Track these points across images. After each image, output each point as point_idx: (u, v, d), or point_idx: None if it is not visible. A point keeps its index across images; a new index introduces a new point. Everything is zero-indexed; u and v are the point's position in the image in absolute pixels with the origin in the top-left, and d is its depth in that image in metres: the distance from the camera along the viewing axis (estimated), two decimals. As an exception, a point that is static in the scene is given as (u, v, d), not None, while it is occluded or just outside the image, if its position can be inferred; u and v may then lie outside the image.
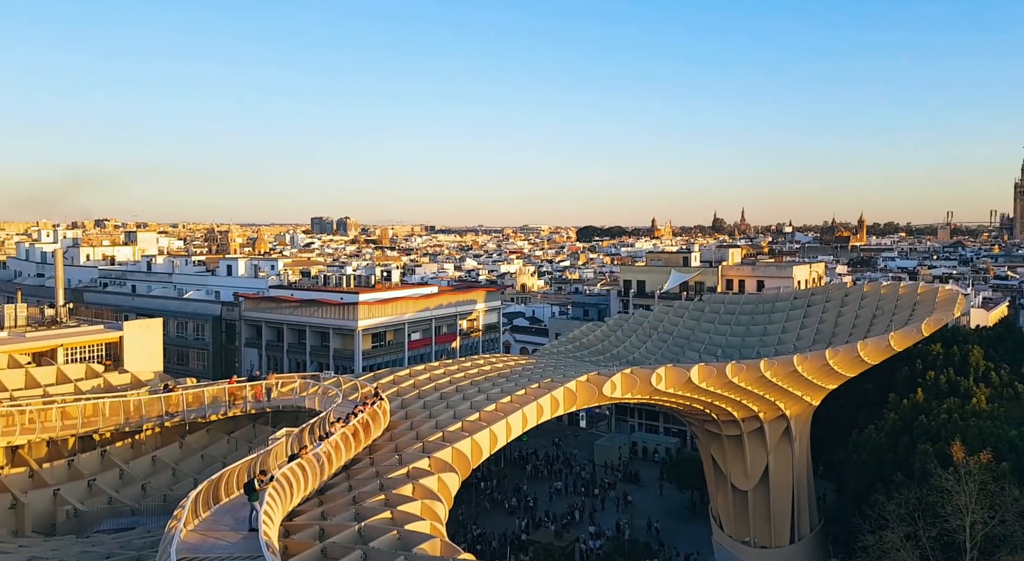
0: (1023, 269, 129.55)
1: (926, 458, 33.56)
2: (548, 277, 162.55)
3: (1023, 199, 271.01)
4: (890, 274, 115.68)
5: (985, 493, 28.95)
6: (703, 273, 76.01)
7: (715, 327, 49.90)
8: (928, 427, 37.11)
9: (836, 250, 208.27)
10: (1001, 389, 41.73)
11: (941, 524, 29.42)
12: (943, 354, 45.20)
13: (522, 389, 30.90)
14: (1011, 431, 35.30)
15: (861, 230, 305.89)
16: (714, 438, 42.42)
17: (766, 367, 36.20)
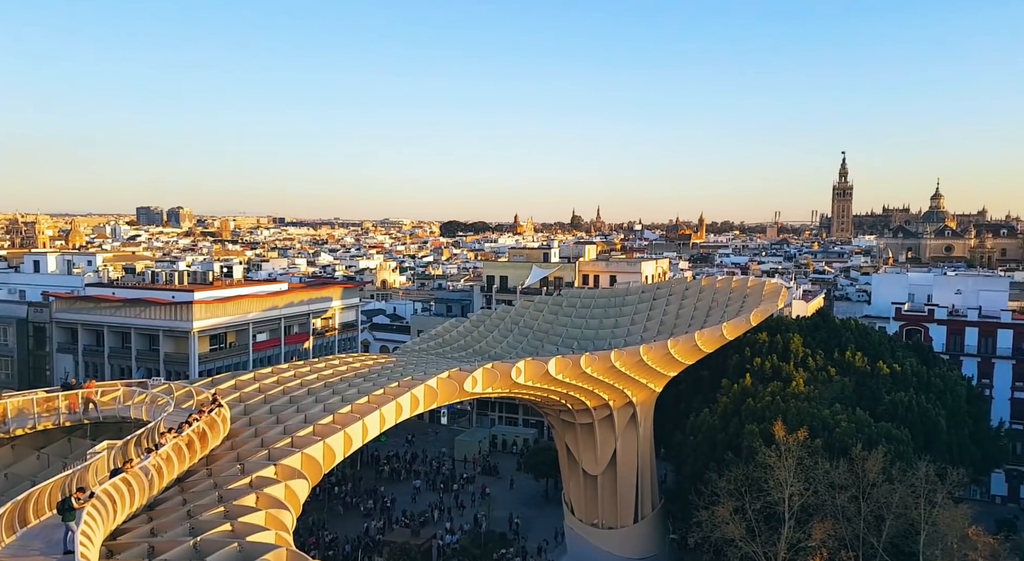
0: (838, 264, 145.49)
1: (753, 437, 36.75)
2: (411, 273, 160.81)
3: (839, 200, 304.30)
4: (725, 269, 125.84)
5: (801, 467, 32.30)
6: (562, 269, 78.64)
7: (572, 320, 51.72)
8: (755, 409, 40.45)
9: (679, 247, 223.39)
10: (817, 373, 46.23)
11: (764, 497, 32.46)
12: (769, 342, 49.02)
13: (380, 389, 30.34)
14: (824, 410, 39.28)
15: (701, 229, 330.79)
16: (568, 427, 44.11)
17: (616, 357, 38.17)
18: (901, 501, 30.41)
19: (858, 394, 43.51)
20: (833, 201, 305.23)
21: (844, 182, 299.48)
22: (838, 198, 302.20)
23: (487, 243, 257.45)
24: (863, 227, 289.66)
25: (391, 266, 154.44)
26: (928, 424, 41.60)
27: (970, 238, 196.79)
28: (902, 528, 30.57)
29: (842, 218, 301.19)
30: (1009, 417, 59.39)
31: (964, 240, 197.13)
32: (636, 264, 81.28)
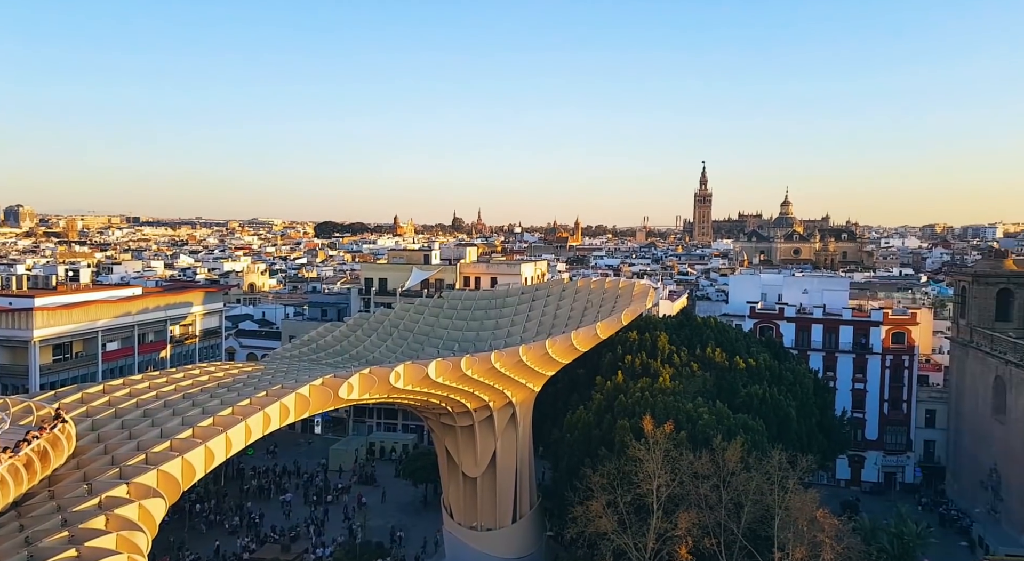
0: (700, 266, 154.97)
1: (624, 432, 38.02)
2: (282, 276, 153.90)
3: (700, 207, 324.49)
4: (599, 271, 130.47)
5: (668, 459, 33.78)
6: (443, 270, 78.13)
7: (453, 323, 51.37)
8: (626, 404, 41.87)
9: (557, 249, 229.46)
10: (681, 368, 48.60)
11: (635, 490, 33.68)
12: (638, 340, 50.90)
13: (246, 399, 28.48)
14: (688, 404, 41.34)
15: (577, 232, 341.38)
16: (448, 430, 43.71)
17: (496, 358, 38.23)
18: (757, 488, 32.51)
19: (718, 388, 46.16)
20: (695, 207, 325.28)
21: (704, 189, 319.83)
22: (699, 204, 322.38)
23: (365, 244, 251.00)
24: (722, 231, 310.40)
25: (260, 268, 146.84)
26: (780, 415, 44.92)
27: (815, 242, 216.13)
28: (759, 513, 32.68)
29: (703, 223, 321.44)
30: (850, 406, 65.57)
31: (810, 244, 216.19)
32: (516, 266, 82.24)
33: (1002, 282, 57.82)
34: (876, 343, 66.44)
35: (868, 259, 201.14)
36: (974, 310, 58.25)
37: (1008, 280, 57.91)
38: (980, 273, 59.94)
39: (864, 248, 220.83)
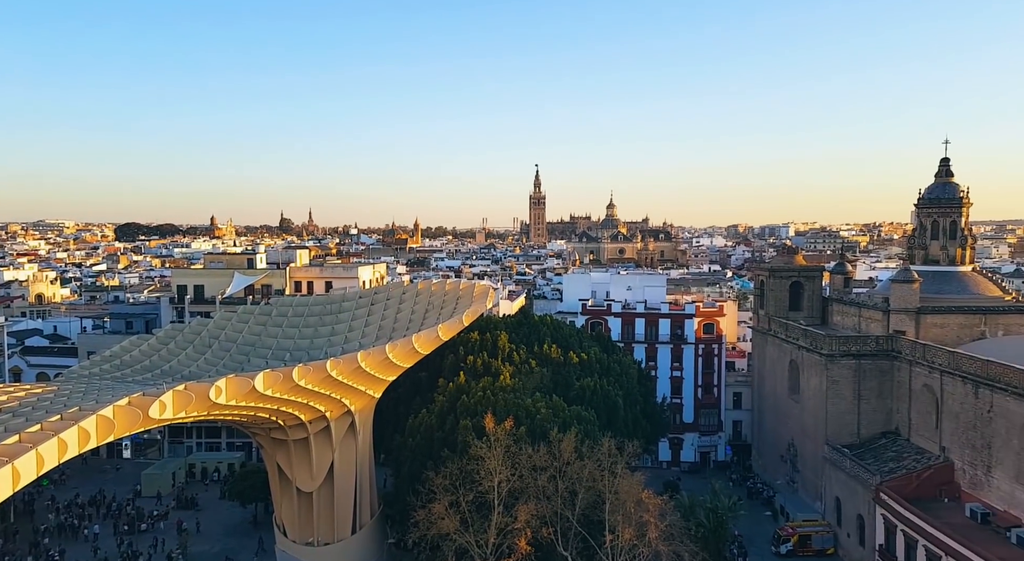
0: (536, 266, 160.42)
1: (466, 432, 38.50)
2: (77, 285, 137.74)
3: (535, 209, 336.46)
4: (440, 272, 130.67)
5: (509, 454, 34.72)
6: (270, 275, 74.18)
7: (283, 331, 48.94)
8: (468, 404, 42.47)
9: (396, 251, 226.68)
10: (521, 365, 50.19)
11: (477, 488, 34.24)
12: (480, 340, 51.87)
13: (36, 424, 25.09)
14: (527, 400, 42.77)
15: (417, 233, 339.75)
16: (280, 444, 41.53)
17: (332, 366, 36.84)
18: (590, 475, 34.34)
19: (554, 382, 48.18)
20: (530, 209, 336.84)
21: (538, 192, 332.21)
22: (534, 206, 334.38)
23: (177, 248, 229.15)
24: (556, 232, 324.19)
25: (49, 277, 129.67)
26: (610, 404, 47.78)
27: (637, 242, 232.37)
28: (591, 499, 34.54)
29: (538, 225, 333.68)
30: (670, 393, 71.29)
31: (633, 244, 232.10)
32: (353, 269, 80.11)
33: (794, 275, 65.69)
34: (690, 334, 72.76)
35: (682, 257, 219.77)
36: (771, 301, 65.64)
37: (799, 274, 65.91)
38: (775, 268, 67.64)
39: (679, 247, 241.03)
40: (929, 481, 44.16)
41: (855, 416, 52.18)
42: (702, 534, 42.00)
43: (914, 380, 48.92)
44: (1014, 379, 38.85)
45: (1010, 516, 38.77)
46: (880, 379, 51.81)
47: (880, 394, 51.86)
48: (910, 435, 49.37)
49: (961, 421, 43.51)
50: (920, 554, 39.81)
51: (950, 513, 41.03)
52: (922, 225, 59.11)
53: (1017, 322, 51.40)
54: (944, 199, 57.60)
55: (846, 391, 52.21)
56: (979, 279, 57.00)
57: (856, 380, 52.02)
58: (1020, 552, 35.64)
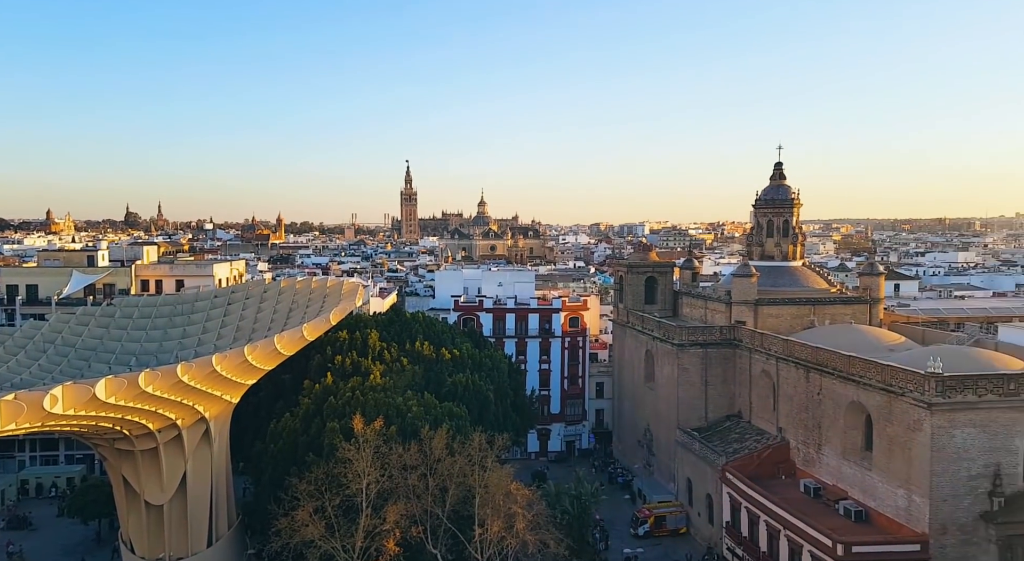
0: (409, 263, 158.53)
1: (333, 435, 37.48)
2: None
3: (407, 205, 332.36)
4: (306, 270, 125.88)
5: (378, 455, 34.22)
6: (114, 274, 68.43)
7: (128, 333, 45.52)
8: (336, 406, 41.38)
9: (257, 248, 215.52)
10: (392, 364, 49.62)
11: (344, 491, 33.49)
12: (349, 339, 50.64)
13: None
14: (398, 398, 42.29)
15: (280, 229, 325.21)
16: (126, 456, 38.44)
17: (184, 371, 34.54)
18: (461, 471, 34.63)
19: (427, 379, 48.04)
20: (402, 205, 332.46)
21: (409, 188, 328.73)
22: (406, 203, 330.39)
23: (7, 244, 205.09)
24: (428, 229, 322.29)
25: None
26: (481, 399, 48.36)
27: (508, 239, 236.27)
28: (462, 495, 34.85)
29: (410, 221, 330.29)
30: (538, 385, 73.26)
31: (504, 241, 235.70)
32: (207, 266, 75.53)
33: (648, 271, 69.61)
34: (557, 328, 75.16)
35: (550, 254, 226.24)
36: (629, 295, 69.20)
37: (653, 269, 69.92)
38: (632, 264, 71.36)
39: (547, 244, 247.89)
40: (768, 460, 48.47)
41: (703, 401, 56.24)
42: (567, 521, 43.60)
43: (754, 366, 53.48)
44: (839, 364, 43.49)
45: (838, 489, 43.37)
46: (724, 366, 56.18)
47: (725, 380, 56.25)
48: (751, 417, 53.94)
49: (795, 403, 48.13)
50: (762, 528, 43.64)
51: (787, 489, 45.27)
52: (759, 224, 64.64)
53: (842, 311, 57.53)
54: (778, 200, 63.31)
55: (695, 378, 56.14)
56: (809, 273, 63.25)
57: (704, 367, 56.07)
58: (847, 522, 40.00)
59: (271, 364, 41.10)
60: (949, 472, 36.23)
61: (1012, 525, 36.05)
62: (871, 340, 49.14)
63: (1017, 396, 36.46)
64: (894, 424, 38.72)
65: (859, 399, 41.73)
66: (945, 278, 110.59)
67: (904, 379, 37.86)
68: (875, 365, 40.38)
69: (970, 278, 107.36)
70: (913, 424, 37.21)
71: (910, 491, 37.56)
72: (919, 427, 36.77)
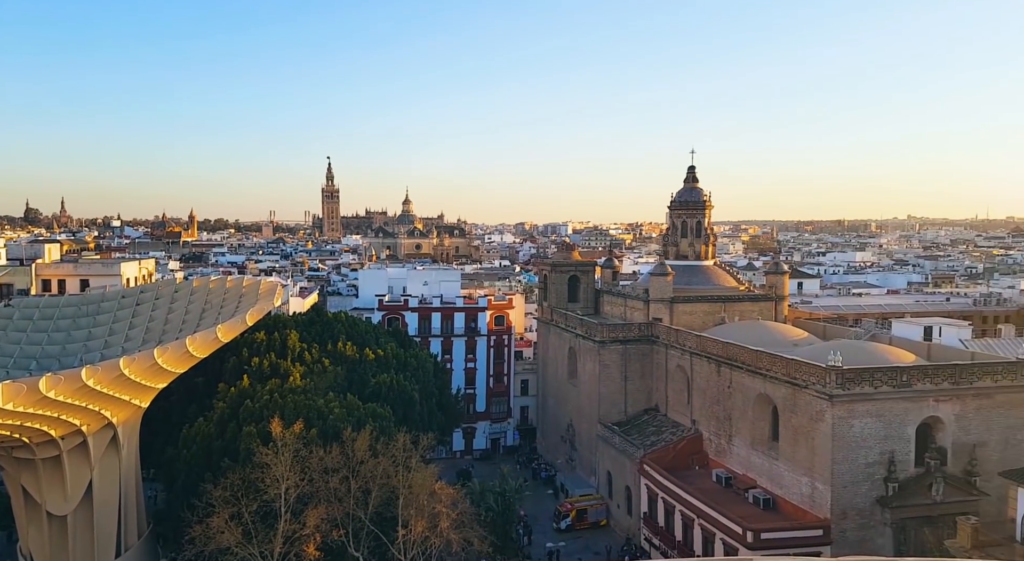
0: (331, 262, 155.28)
1: (250, 439, 36.46)
2: None
3: (328, 202, 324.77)
4: (220, 269, 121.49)
5: (298, 459, 33.54)
6: (12, 273, 64.42)
7: (28, 336, 43.00)
8: (253, 409, 40.20)
9: (168, 246, 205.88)
10: (313, 365, 48.58)
11: (262, 497, 32.67)
12: (267, 340, 49.27)
13: None
14: (319, 400, 41.49)
15: (193, 226, 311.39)
16: (25, 464, 36.16)
17: (89, 375, 32.75)
18: (384, 472, 34.39)
19: (349, 380, 47.38)
20: (323, 203, 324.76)
21: (331, 185, 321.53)
22: (327, 200, 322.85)
23: None
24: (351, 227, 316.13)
25: None
26: (406, 399, 48.09)
27: (433, 238, 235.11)
28: (385, 496, 34.61)
29: (332, 219, 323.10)
30: (464, 384, 73.46)
31: (429, 239, 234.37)
32: (115, 265, 71.90)
33: (571, 270, 71.02)
34: (483, 326, 75.57)
35: (475, 252, 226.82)
36: (553, 294, 70.39)
37: (575, 268, 71.38)
38: (556, 263, 72.63)
39: (472, 243, 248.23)
40: (683, 452, 50.45)
41: (623, 396, 57.94)
42: (491, 518, 44.00)
43: (670, 361, 55.50)
44: (748, 358, 45.74)
45: (747, 478, 45.61)
46: (643, 362, 58.06)
47: (643, 375, 58.12)
48: (668, 411, 55.96)
49: (707, 396, 50.27)
50: (677, 518, 45.40)
51: (700, 479, 47.27)
52: (674, 225, 67.08)
53: (750, 308, 60.45)
54: (691, 202, 65.88)
55: (615, 374, 57.75)
56: (720, 272, 66.11)
57: (623, 363, 57.78)
58: (756, 509, 42.15)
59: (183, 367, 39.54)
60: (848, 460, 38.76)
61: (905, 509, 38.87)
62: (777, 335, 51.90)
63: (909, 387, 39.40)
64: (798, 415, 41.08)
65: (766, 391, 44.03)
66: (844, 277, 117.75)
67: (807, 372, 40.23)
68: (780, 359, 42.72)
69: (866, 277, 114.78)
70: (815, 415, 39.60)
71: (813, 478, 39.95)
72: (821, 417, 39.17)
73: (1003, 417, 40.72)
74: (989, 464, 39.43)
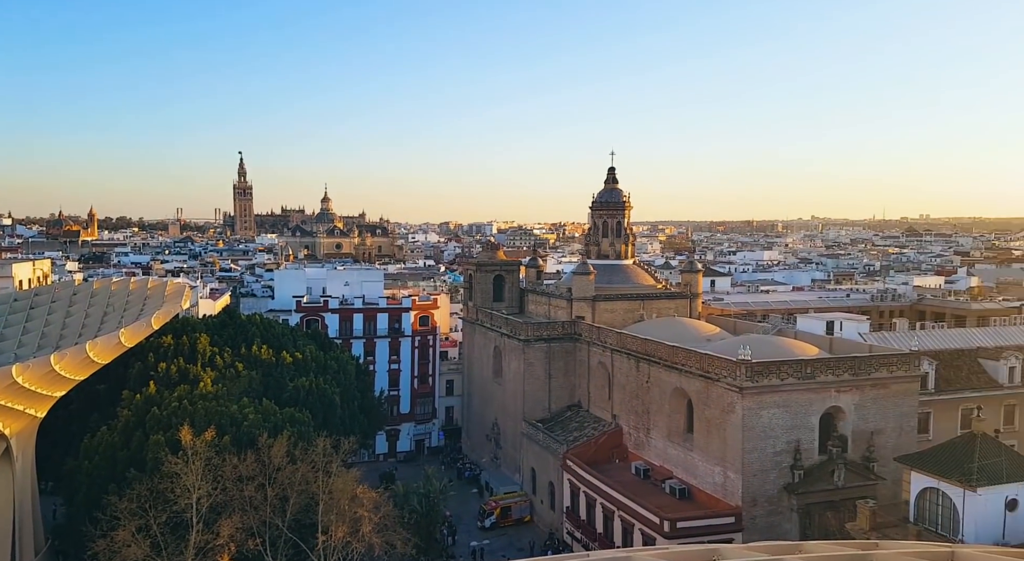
0: (244, 262, 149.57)
1: (158, 448, 34.81)
2: None
3: (241, 200, 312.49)
4: (124, 269, 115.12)
5: (210, 467, 32.21)
6: None
7: (-99, 343, 39.17)
8: (161, 417, 38.45)
9: (66, 245, 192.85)
10: (225, 370, 46.87)
11: (171, 507, 31.20)
12: (175, 344, 47.26)
13: None
14: (232, 406, 40.10)
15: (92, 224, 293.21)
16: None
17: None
18: (303, 478, 33.50)
19: (265, 385, 45.96)
20: (235, 200, 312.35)
21: (244, 182, 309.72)
22: (239, 197, 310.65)
23: None
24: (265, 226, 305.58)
25: None
26: (326, 403, 47.05)
27: (355, 237, 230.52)
28: (304, 503, 33.73)
29: (245, 217, 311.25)
30: (387, 386, 72.41)
31: (350, 238, 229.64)
32: (5, 266, 66.89)
33: (496, 269, 71.25)
34: (407, 327, 74.75)
35: (399, 252, 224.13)
36: (478, 293, 70.42)
37: (500, 268, 71.66)
38: (481, 263, 72.70)
39: (395, 242, 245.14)
40: (604, 446, 51.57)
41: (547, 393, 58.66)
42: (415, 520, 43.64)
43: (592, 358, 56.61)
44: (665, 354, 47.20)
45: (664, 470, 47.06)
46: (566, 359, 58.96)
47: (566, 372, 59.03)
48: (590, 407, 57.06)
49: (627, 391, 51.57)
50: (598, 511, 46.35)
51: (620, 472, 48.42)
52: (596, 225, 68.45)
53: (667, 306, 62.37)
54: (611, 203, 67.39)
55: (540, 371, 58.41)
56: (639, 271, 67.94)
57: (547, 361, 58.51)
58: (672, 499, 43.53)
59: (83, 374, 37.33)
60: (758, 449, 40.61)
61: (810, 494, 41.05)
62: (692, 331, 53.81)
63: (813, 379, 41.65)
64: (711, 407, 42.74)
65: (682, 385, 45.58)
66: (753, 275, 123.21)
67: (719, 366, 41.91)
68: (695, 354, 44.32)
69: (773, 274, 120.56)
70: (727, 406, 41.31)
71: (725, 468, 41.65)
72: (732, 409, 40.89)
73: (897, 405, 43.64)
74: (885, 450, 42.19)
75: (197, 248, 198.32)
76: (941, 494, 31.52)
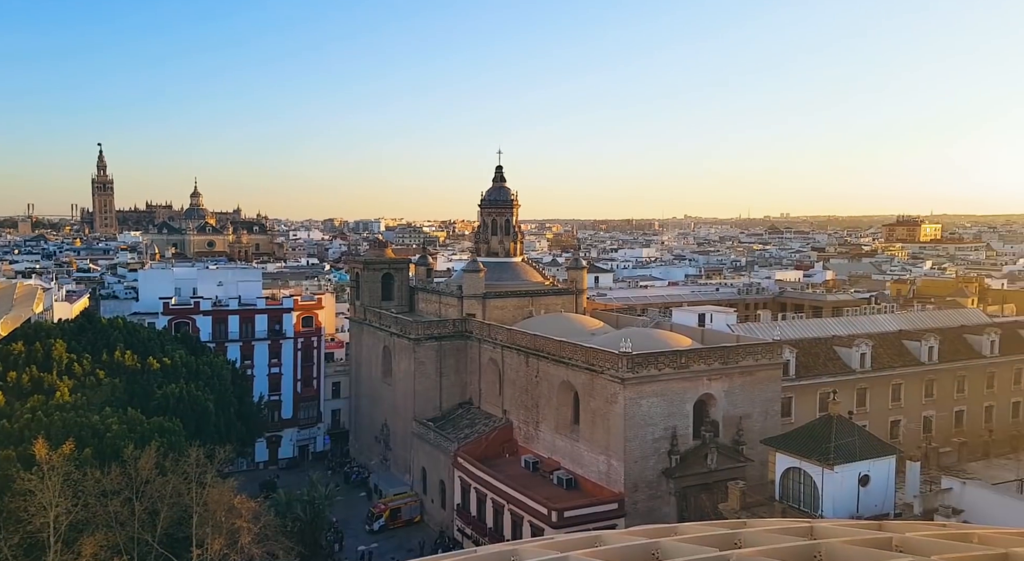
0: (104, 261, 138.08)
1: (9, 464, 31.74)
2: None
3: (100, 195, 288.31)
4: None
5: (69, 483, 29.57)
6: None
7: None
8: (12, 431, 35.31)
9: None
10: (85, 378, 43.44)
11: (25, 527, 28.44)
12: (26, 352, 44.05)
13: None
14: (93, 417, 37.16)
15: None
16: None
17: None
18: (175, 490, 31.50)
19: (130, 393, 42.96)
20: (94, 195, 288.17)
21: (104, 175, 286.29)
22: (99, 192, 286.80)
23: None
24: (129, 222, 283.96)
25: None
26: (199, 410, 44.45)
27: (229, 234, 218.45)
28: (176, 516, 31.73)
29: (105, 213, 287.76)
30: (267, 390, 69.33)
31: (224, 236, 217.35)
32: None
33: (385, 268, 70.05)
34: (289, 328, 71.92)
35: (279, 250, 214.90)
36: (366, 292, 68.94)
37: (389, 266, 70.52)
38: (369, 261, 71.21)
39: (275, 240, 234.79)
40: (495, 441, 52.09)
41: (438, 392, 58.45)
42: (299, 528, 42.18)
43: (483, 355, 57.00)
44: (552, 348, 48.32)
45: (553, 462, 48.19)
46: (457, 357, 59.00)
47: (458, 370, 59.08)
48: (481, 403, 57.42)
49: (517, 387, 52.36)
50: (488, 506, 46.77)
51: (510, 466, 49.12)
52: (485, 223, 68.96)
53: (554, 302, 63.84)
54: (500, 201, 68.14)
55: (431, 370, 58.08)
56: (527, 268, 69.13)
57: (439, 359, 58.28)
58: (560, 490, 44.66)
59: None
60: (639, 437, 42.51)
61: (686, 478, 43.48)
62: (577, 326, 55.44)
63: (687, 368, 44.08)
64: (596, 398, 44.26)
65: (569, 378, 46.89)
66: (633, 271, 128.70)
67: (603, 359, 43.48)
68: (580, 348, 45.72)
69: (652, 271, 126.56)
70: (610, 397, 42.93)
71: (609, 456, 43.29)
72: (615, 399, 42.55)
73: (763, 391, 47.06)
74: (752, 433, 45.35)
75: (51, 247, 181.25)
76: (803, 473, 34.28)
